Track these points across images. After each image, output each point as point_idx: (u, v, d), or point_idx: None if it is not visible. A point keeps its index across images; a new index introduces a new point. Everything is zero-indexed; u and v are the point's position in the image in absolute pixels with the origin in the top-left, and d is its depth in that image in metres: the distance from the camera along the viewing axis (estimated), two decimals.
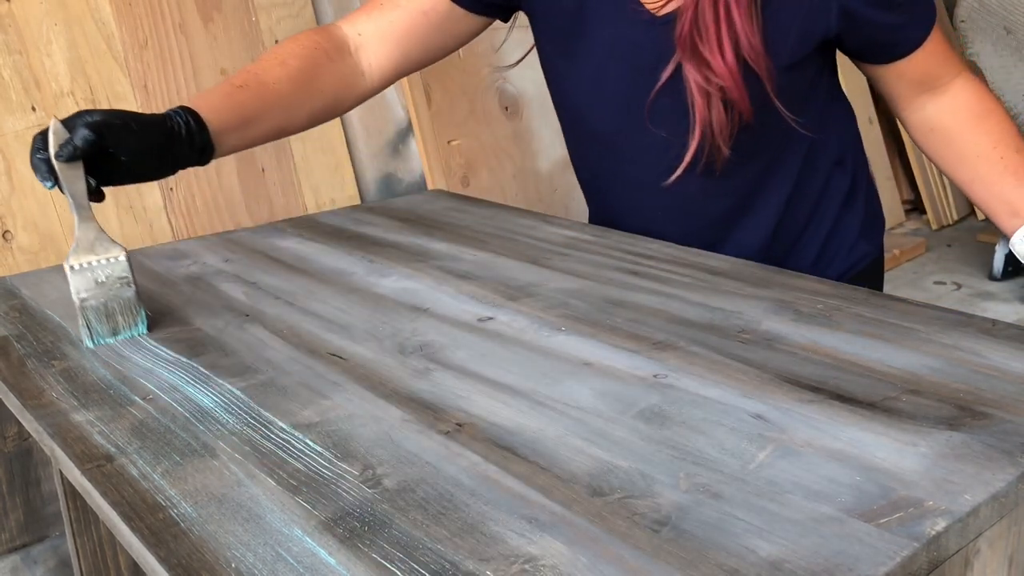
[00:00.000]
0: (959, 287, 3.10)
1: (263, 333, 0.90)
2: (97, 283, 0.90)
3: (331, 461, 0.66)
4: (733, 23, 0.95)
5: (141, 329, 0.93)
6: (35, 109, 1.88)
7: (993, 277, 3.12)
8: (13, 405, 0.81)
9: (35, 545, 1.13)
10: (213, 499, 0.62)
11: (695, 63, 0.98)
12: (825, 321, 0.86)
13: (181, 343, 0.89)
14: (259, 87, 1.04)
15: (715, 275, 1.00)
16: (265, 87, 1.04)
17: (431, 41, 1.16)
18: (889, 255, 3.25)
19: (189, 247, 1.22)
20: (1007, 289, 3.05)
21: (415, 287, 1.01)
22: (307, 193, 2.26)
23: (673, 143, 1.05)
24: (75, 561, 0.84)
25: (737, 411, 0.70)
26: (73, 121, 0.88)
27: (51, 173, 0.88)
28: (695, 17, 0.96)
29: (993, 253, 3.13)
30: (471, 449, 0.66)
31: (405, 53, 1.15)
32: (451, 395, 0.75)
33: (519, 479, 0.62)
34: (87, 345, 0.90)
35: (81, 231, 0.90)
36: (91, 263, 0.90)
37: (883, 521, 0.55)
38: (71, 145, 0.87)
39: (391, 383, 0.78)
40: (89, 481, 0.65)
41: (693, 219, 1.14)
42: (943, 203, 3.69)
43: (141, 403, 0.77)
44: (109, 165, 0.90)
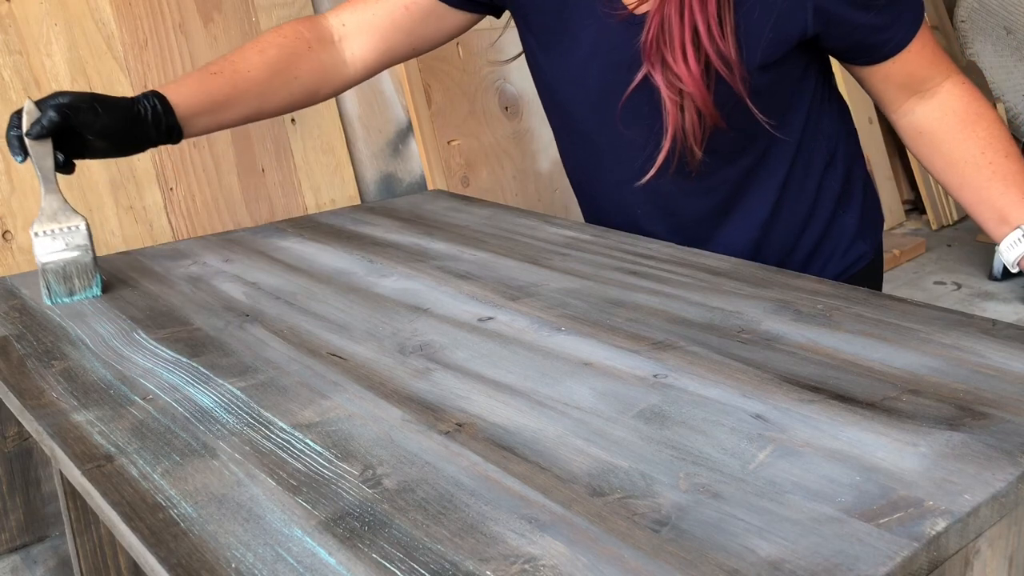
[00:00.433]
0: (959, 287, 3.10)
1: (263, 333, 0.91)
2: (58, 248, 1.00)
3: (331, 461, 0.66)
4: (697, 29, 0.95)
5: (96, 291, 1.03)
6: None
7: (993, 277, 3.12)
8: (13, 405, 0.81)
9: (35, 545, 1.13)
10: (213, 499, 0.62)
11: (660, 69, 0.98)
12: (825, 321, 0.86)
13: (181, 343, 0.89)
14: (232, 75, 1.11)
15: (715, 275, 1.00)
16: (238, 75, 1.11)
17: (415, 34, 1.18)
18: (889, 255, 3.25)
19: (189, 247, 1.22)
20: (1007, 289, 3.05)
21: (415, 287, 1.01)
22: (307, 193, 2.26)
23: (648, 143, 1.05)
24: (75, 561, 0.84)
25: (737, 411, 0.70)
26: (46, 102, 0.98)
27: (22, 149, 0.98)
28: (661, 23, 0.96)
29: (993, 253, 3.13)
30: (471, 449, 0.66)
31: (389, 45, 1.18)
32: (451, 395, 0.75)
33: (519, 479, 0.62)
34: (46, 303, 1.01)
35: (46, 201, 1.00)
36: (54, 230, 1.00)
37: (883, 521, 0.55)
38: (39, 124, 0.96)
39: (391, 383, 0.78)
40: (89, 481, 0.65)
41: (675, 218, 1.14)
42: (943, 203, 3.69)
43: (141, 403, 0.77)
44: (77, 142, 1.00)
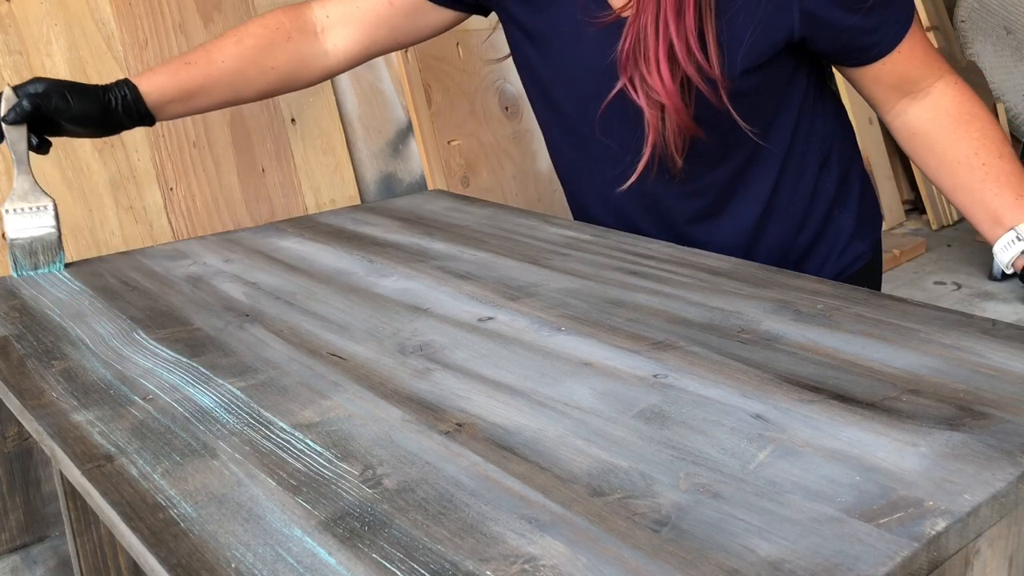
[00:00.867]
0: (959, 287, 3.10)
1: (263, 333, 0.91)
2: (26, 226, 1.10)
3: (331, 461, 0.66)
4: (672, 44, 0.94)
5: (58, 267, 1.13)
6: None
7: (993, 277, 3.12)
8: (13, 405, 0.81)
9: (35, 545, 1.13)
10: (213, 499, 0.62)
11: (638, 80, 0.97)
12: (825, 321, 0.86)
13: (181, 343, 0.89)
14: (207, 64, 1.16)
15: (715, 275, 1.00)
16: (212, 64, 1.16)
17: (398, 29, 1.20)
18: (889, 255, 3.25)
19: (189, 247, 1.22)
20: (1007, 289, 3.05)
21: (415, 287, 1.01)
22: (307, 193, 2.26)
23: (630, 149, 1.05)
24: (75, 561, 0.84)
25: (737, 411, 0.70)
26: (23, 88, 1.08)
27: None
28: (637, 34, 0.96)
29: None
30: (471, 449, 0.66)
31: (371, 38, 1.20)
32: (451, 395, 0.75)
33: (519, 479, 0.62)
34: (13, 275, 1.11)
35: (18, 182, 1.10)
36: (23, 208, 1.11)
37: (883, 521, 0.55)
38: (14, 111, 1.07)
39: (391, 383, 0.78)
40: (89, 481, 0.65)
41: (663, 219, 1.14)
42: (943, 203, 3.69)
43: (141, 403, 0.77)
44: (52, 126, 1.11)
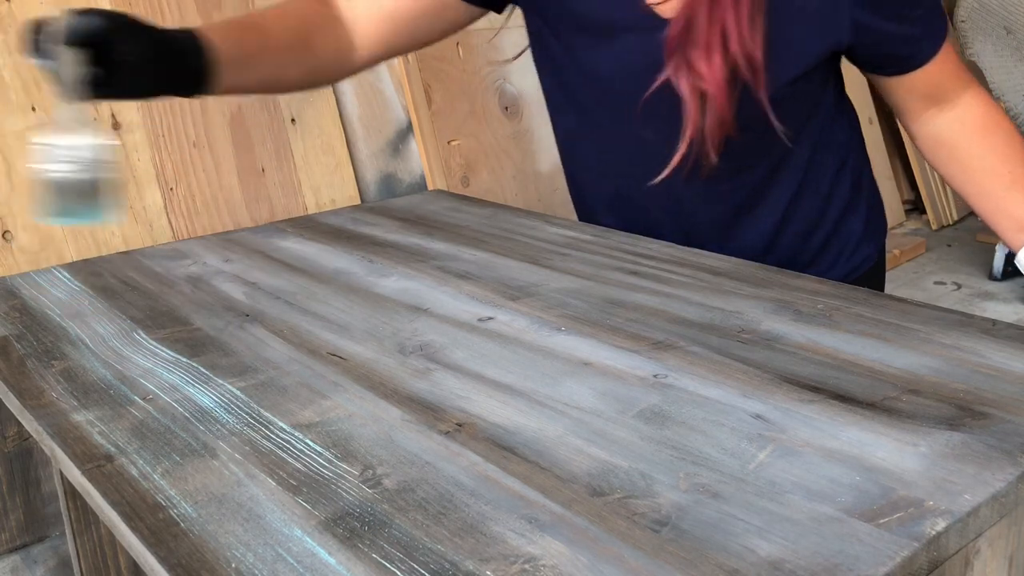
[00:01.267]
0: (959, 287, 3.10)
1: (263, 333, 0.90)
2: (57, 165, 0.83)
3: (331, 461, 0.66)
4: (725, 27, 0.94)
5: (96, 217, 0.84)
6: (35, 109, 1.88)
7: (993, 277, 3.12)
8: (13, 405, 0.81)
9: (35, 545, 1.13)
10: (213, 499, 0.62)
11: (684, 69, 0.97)
12: (825, 321, 0.86)
13: (181, 343, 0.89)
14: (261, 34, 1.03)
15: (715, 275, 1.00)
16: (267, 35, 1.04)
17: (419, 25, 1.14)
18: (889, 255, 3.25)
19: (189, 247, 1.22)
20: (1007, 289, 3.05)
21: (415, 287, 1.01)
22: (307, 193, 2.26)
23: (665, 144, 1.04)
24: (75, 561, 0.84)
25: (737, 411, 0.70)
26: (81, 12, 0.85)
27: (44, 51, 0.83)
28: (687, 20, 0.95)
29: (993, 253, 3.13)
30: (471, 449, 0.66)
31: (395, 35, 1.14)
32: (451, 395, 0.75)
33: (519, 479, 0.62)
34: (34, 218, 0.89)
35: (58, 113, 0.84)
36: (56, 145, 0.83)
37: (883, 521, 0.55)
38: (79, 26, 0.83)
39: (391, 383, 0.78)
40: (89, 481, 0.65)
41: (686, 222, 1.14)
42: (943, 203, 3.69)
43: (141, 403, 0.77)
44: (106, 67, 0.86)
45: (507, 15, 1.19)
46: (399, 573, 0.53)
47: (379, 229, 1.26)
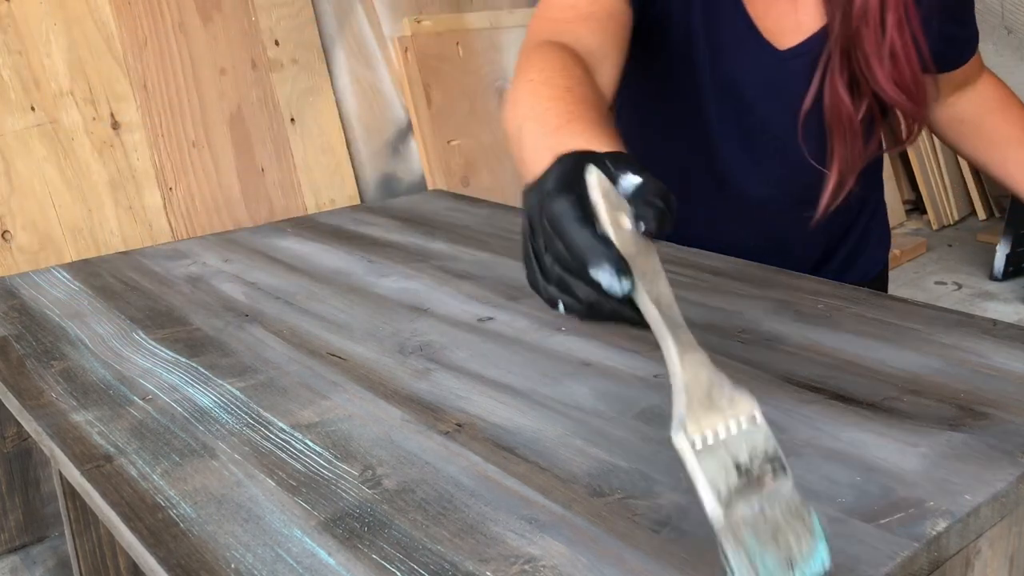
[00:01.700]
0: (960, 287, 3.10)
1: (263, 333, 0.90)
2: (739, 467, 0.46)
3: (331, 461, 0.66)
4: (915, 32, 0.92)
5: (822, 561, 0.46)
6: (34, 109, 1.88)
7: (994, 277, 3.12)
8: (12, 405, 0.81)
9: (34, 545, 1.13)
10: (212, 499, 0.62)
11: (844, 75, 0.93)
12: (826, 321, 0.86)
13: (180, 343, 0.89)
14: (601, 111, 0.78)
15: (716, 275, 1.00)
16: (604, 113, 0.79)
17: (623, 48, 0.92)
18: (890, 255, 3.25)
19: (189, 247, 1.22)
20: (1008, 289, 3.05)
21: (415, 287, 1.01)
22: (307, 193, 2.26)
23: (792, 179, 1.02)
24: (74, 562, 0.84)
25: None
26: (620, 164, 0.55)
27: (623, 262, 0.51)
28: (874, 31, 0.91)
29: (994, 253, 3.12)
30: (471, 449, 0.66)
31: (619, 66, 0.91)
32: (451, 395, 0.75)
33: (519, 479, 0.62)
34: None
35: (689, 368, 0.48)
36: (718, 431, 0.47)
37: (884, 521, 0.55)
38: (661, 210, 0.53)
39: (391, 383, 0.78)
40: (88, 481, 0.65)
41: (764, 241, 1.10)
42: (944, 203, 3.69)
43: (140, 403, 0.77)
44: None
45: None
46: (399, 574, 0.53)
47: (379, 229, 1.26)
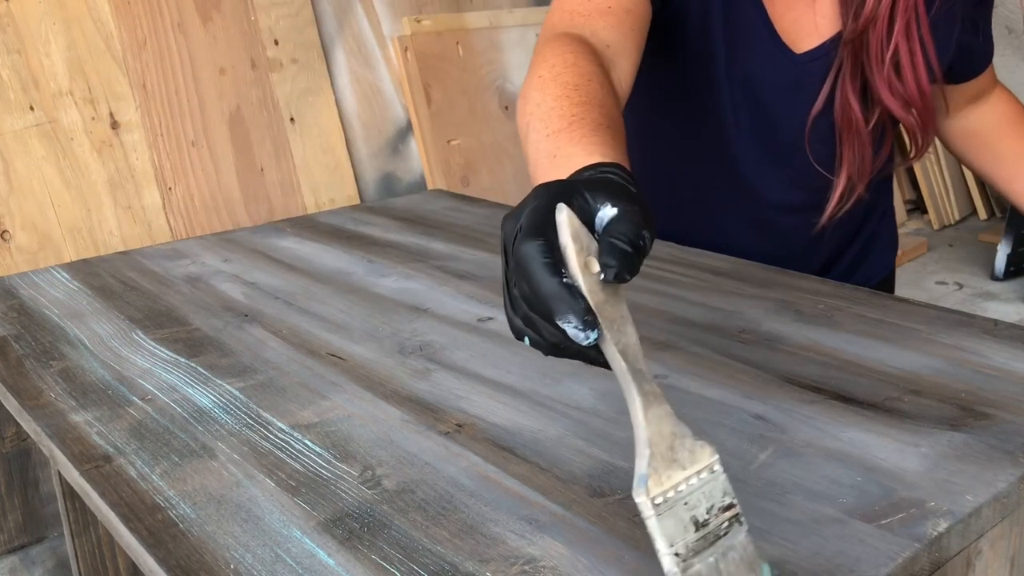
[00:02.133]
0: (961, 287, 3.10)
1: (262, 333, 0.90)
2: (696, 523, 0.47)
3: (330, 462, 0.66)
4: (923, 40, 0.91)
5: None
6: (33, 108, 1.87)
7: (995, 277, 3.12)
8: (11, 405, 0.81)
9: (34, 546, 1.13)
10: (212, 500, 0.62)
11: (874, 83, 0.93)
12: (826, 321, 0.86)
13: (180, 343, 0.89)
14: (616, 120, 0.73)
15: (716, 275, 1.00)
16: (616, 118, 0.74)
17: (640, 43, 0.90)
18: None
19: (188, 247, 1.22)
20: (1009, 289, 3.05)
21: (415, 287, 1.01)
22: (307, 193, 2.26)
23: (804, 183, 1.02)
24: (74, 562, 0.84)
25: (738, 412, 0.70)
26: (598, 195, 0.50)
27: (590, 314, 0.50)
28: (880, 36, 0.91)
29: (995, 253, 3.12)
30: (471, 449, 0.66)
31: (635, 61, 0.88)
32: (451, 395, 0.75)
33: (519, 480, 0.62)
34: None
35: (652, 421, 0.49)
36: (679, 486, 0.47)
37: (885, 522, 0.55)
38: (626, 255, 0.49)
39: (391, 383, 0.78)
40: (87, 482, 0.65)
41: (774, 245, 1.10)
42: (945, 203, 3.68)
43: (140, 403, 0.77)
44: None
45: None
46: (398, 574, 0.53)
47: (379, 229, 1.26)
